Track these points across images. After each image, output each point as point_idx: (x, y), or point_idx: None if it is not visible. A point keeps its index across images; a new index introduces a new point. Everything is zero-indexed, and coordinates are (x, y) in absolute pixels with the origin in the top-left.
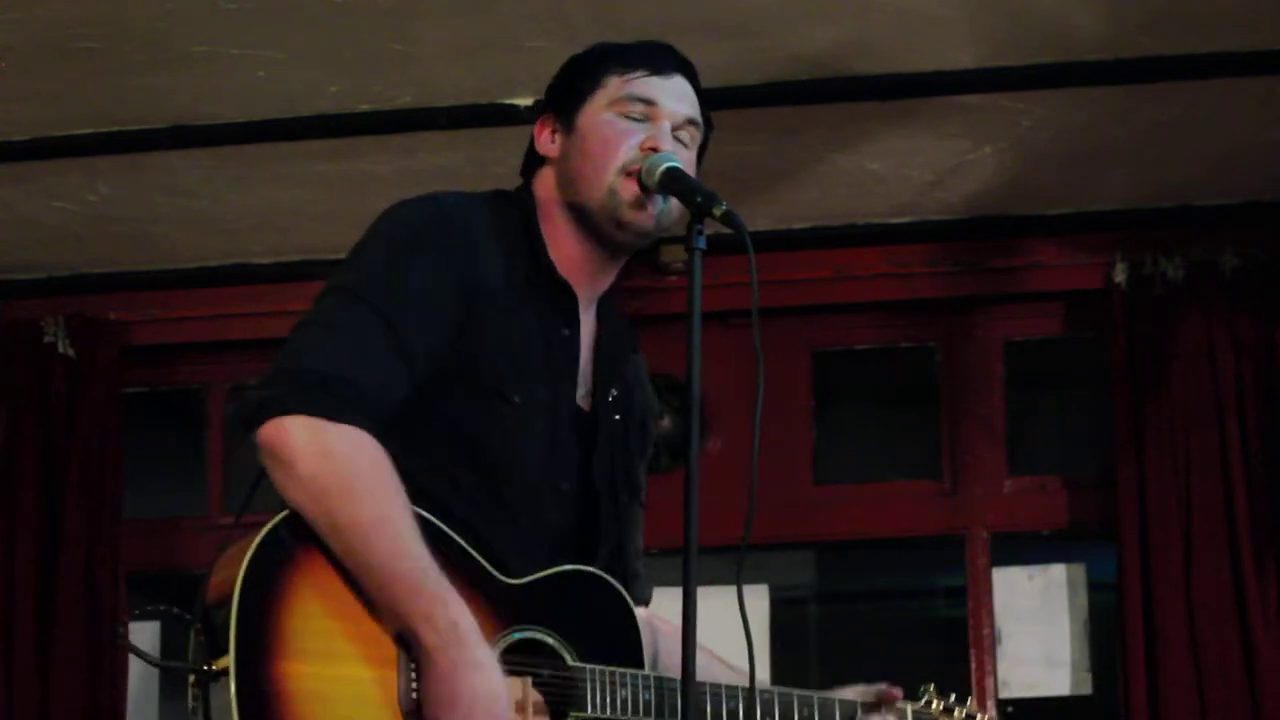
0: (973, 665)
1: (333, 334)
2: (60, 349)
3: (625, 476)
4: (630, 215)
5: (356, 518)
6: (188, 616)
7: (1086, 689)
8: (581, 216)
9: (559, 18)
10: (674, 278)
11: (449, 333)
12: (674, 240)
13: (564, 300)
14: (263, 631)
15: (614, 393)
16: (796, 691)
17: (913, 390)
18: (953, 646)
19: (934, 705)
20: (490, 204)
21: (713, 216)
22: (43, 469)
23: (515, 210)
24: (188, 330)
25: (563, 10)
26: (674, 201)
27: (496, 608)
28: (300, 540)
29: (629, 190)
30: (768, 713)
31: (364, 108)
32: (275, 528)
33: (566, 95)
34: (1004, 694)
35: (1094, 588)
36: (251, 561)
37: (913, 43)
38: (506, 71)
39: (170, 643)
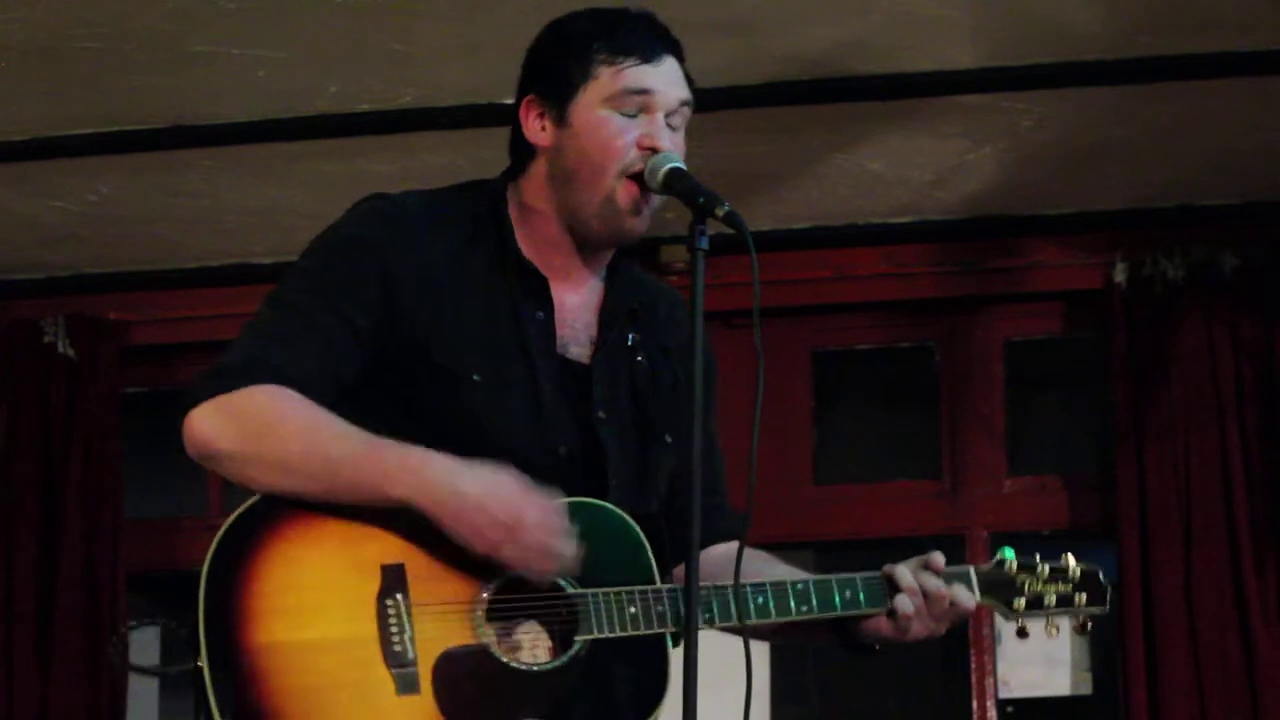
0: (973, 665)
1: (246, 333)
2: (60, 349)
3: (654, 413)
4: (629, 223)
5: (292, 438)
6: (174, 624)
7: (1086, 689)
8: (572, 212)
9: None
10: (674, 278)
11: (370, 309)
12: (674, 240)
13: (534, 284)
14: (231, 615)
15: (633, 337)
16: (836, 576)
17: (913, 390)
18: (953, 646)
19: (1008, 565)
20: (452, 195)
21: (715, 217)
22: (43, 469)
23: (484, 199)
24: (188, 330)
25: (563, 10)
26: (657, 203)
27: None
28: (265, 519)
29: (627, 196)
30: (803, 600)
31: (364, 108)
32: (240, 514)
33: (555, 82)
34: (1004, 694)
35: None
36: (216, 548)
37: (913, 43)
38: (506, 71)
39: (170, 648)
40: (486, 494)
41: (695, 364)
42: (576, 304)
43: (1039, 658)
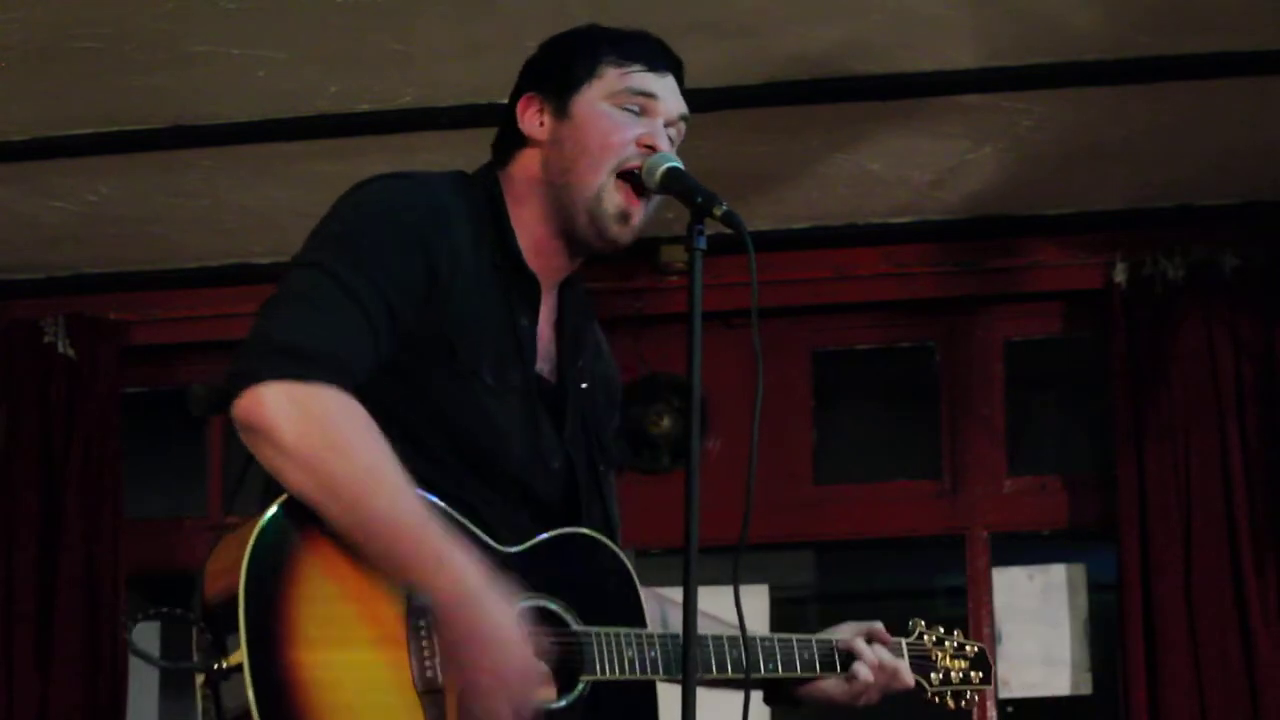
0: None
1: (297, 306)
2: (60, 349)
3: (597, 442)
4: (613, 229)
5: (351, 472)
6: (191, 615)
7: (1086, 689)
8: (562, 207)
9: (559, 18)
10: (674, 278)
11: (414, 303)
12: (674, 240)
13: (528, 290)
14: (272, 623)
15: (580, 362)
16: (795, 636)
17: (913, 390)
18: None
19: (925, 638)
20: (455, 183)
21: (713, 216)
22: (43, 469)
23: (480, 192)
24: (188, 330)
25: (563, 10)
26: (653, 207)
27: (498, 577)
28: (299, 525)
29: (615, 202)
30: (769, 659)
31: (364, 108)
32: (272, 516)
33: (558, 77)
34: (1004, 694)
35: (1094, 588)
36: (253, 552)
37: (913, 43)
38: (506, 71)
39: (171, 643)
40: (499, 636)
41: (694, 362)
42: (547, 314)
43: (1039, 658)
